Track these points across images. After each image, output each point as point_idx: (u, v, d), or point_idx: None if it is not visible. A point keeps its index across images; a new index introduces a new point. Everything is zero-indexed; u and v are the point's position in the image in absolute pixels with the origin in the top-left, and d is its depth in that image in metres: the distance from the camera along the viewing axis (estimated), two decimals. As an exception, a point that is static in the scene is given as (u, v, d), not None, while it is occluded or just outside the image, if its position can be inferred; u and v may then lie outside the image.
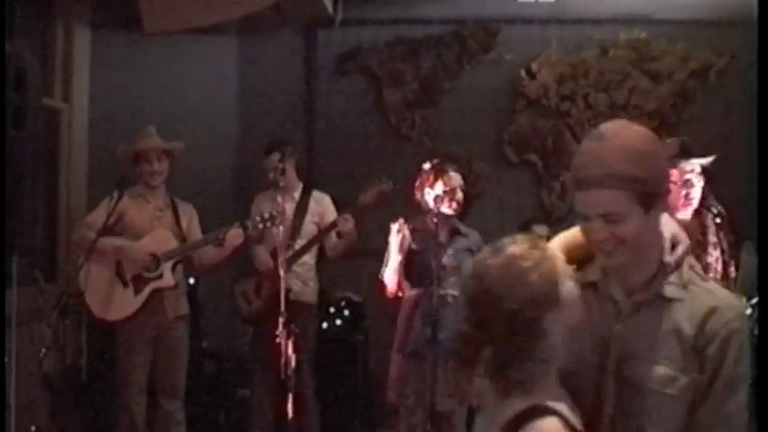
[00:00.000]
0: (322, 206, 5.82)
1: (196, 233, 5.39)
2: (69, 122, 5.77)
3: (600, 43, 6.97)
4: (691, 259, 2.09)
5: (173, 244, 5.21)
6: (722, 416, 1.95)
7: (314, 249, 5.72)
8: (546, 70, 6.97)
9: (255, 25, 6.93)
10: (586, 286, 2.06)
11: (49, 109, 5.41)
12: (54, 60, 5.72)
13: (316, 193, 5.85)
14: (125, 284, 5.13)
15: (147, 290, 5.12)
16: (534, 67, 6.99)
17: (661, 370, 1.98)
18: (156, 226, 5.26)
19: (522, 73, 7.01)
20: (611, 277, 2.09)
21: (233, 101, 7.20)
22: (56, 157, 5.69)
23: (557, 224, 6.83)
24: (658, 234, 2.06)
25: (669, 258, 2.06)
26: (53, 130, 5.61)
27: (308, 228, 5.73)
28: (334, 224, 5.53)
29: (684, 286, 2.03)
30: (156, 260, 5.14)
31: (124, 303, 5.12)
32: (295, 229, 5.70)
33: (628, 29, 6.92)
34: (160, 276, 5.14)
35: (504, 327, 1.87)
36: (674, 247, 2.08)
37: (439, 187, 4.70)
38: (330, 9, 6.86)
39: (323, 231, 5.62)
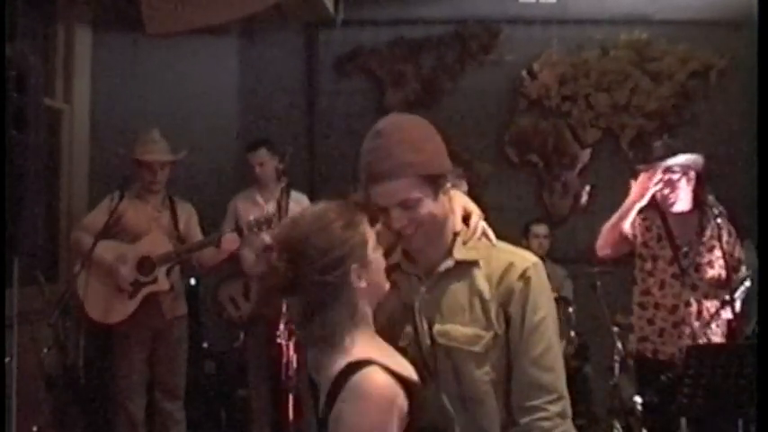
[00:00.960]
0: (301, 206, 5.82)
1: (195, 233, 5.38)
2: (70, 123, 5.77)
3: (601, 44, 6.97)
4: (484, 226, 2.28)
5: (167, 247, 5.17)
6: (533, 357, 2.13)
7: None
8: (547, 70, 6.97)
9: (256, 26, 6.94)
10: (391, 268, 2.22)
11: (51, 110, 5.42)
12: (55, 61, 5.73)
13: (294, 194, 5.84)
14: (119, 288, 5.12)
15: (141, 294, 5.09)
16: (535, 67, 6.99)
17: (466, 330, 2.15)
18: (153, 228, 5.24)
19: (524, 73, 7.01)
20: (412, 257, 2.26)
21: (234, 101, 7.21)
22: (57, 157, 5.70)
23: (558, 224, 6.86)
24: (449, 210, 2.22)
25: (460, 227, 2.24)
26: (54, 130, 5.62)
27: None
28: None
29: (475, 248, 2.22)
30: (151, 264, 5.11)
31: (120, 307, 5.11)
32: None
33: (629, 29, 6.93)
34: (155, 280, 5.11)
35: (312, 266, 2.00)
36: (465, 218, 2.28)
37: None
38: (331, 9, 6.86)
39: None
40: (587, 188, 6.89)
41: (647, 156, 4.72)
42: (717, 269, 4.29)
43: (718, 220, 4.23)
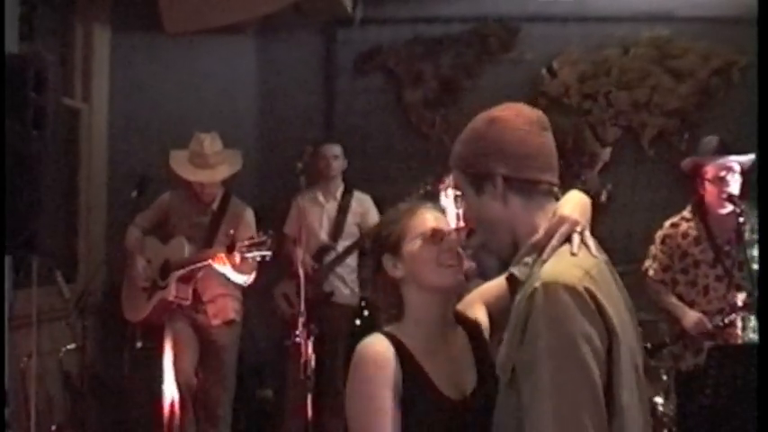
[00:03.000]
0: (364, 207, 5.83)
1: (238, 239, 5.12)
2: (89, 122, 5.80)
3: (621, 41, 6.93)
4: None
5: (183, 254, 5.04)
6: (525, 407, 1.74)
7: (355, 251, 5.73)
8: (567, 69, 6.94)
9: (275, 25, 6.95)
10: None
11: (69, 109, 5.45)
12: (74, 60, 5.75)
13: (357, 194, 5.88)
14: (143, 288, 5.12)
15: (154, 298, 5.05)
16: (555, 65, 6.96)
17: (502, 352, 1.91)
18: (188, 230, 5.15)
19: (543, 71, 6.98)
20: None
21: (252, 100, 7.22)
22: (76, 157, 5.73)
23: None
24: (506, 218, 2.00)
25: (534, 239, 1.96)
26: (73, 130, 5.65)
27: (350, 229, 5.75)
28: None
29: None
30: (168, 268, 5.03)
31: (139, 306, 5.11)
32: (337, 230, 5.72)
33: (650, 26, 6.88)
34: (166, 287, 5.01)
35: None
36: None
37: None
38: (349, 8, 6.86)
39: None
40: (608, 187, 6.85)
41: (671, 153, 4.68)
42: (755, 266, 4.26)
43: (741, 219, 4.21)
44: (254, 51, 7.28)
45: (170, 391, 5.08)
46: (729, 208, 4.34)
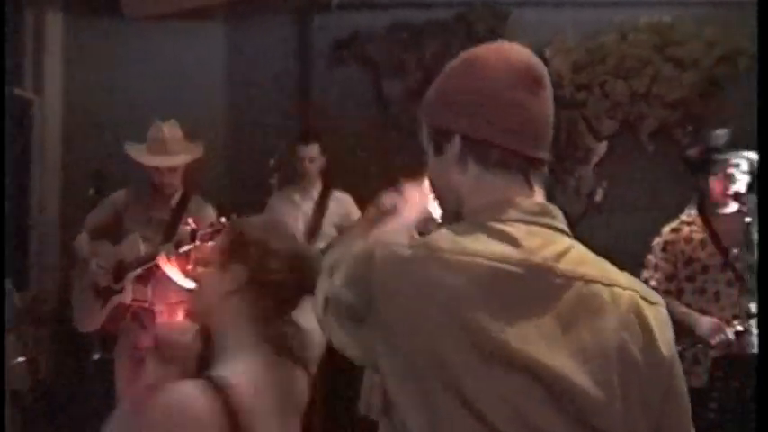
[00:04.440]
0: (344, 206, 5.82)
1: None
2: (42, 115, 5.75)
3: (619, 27, 6.91)
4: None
5: (139, 252, 4.96)
6: None
7: None
8: (560, 57, 6.92)
9: (244, 9, 6.90)
10: None
11: (20, 100, 5.40)
12: (24, 48, 5.71)
13: (336, 194, 5.87)
14: (97, 294, 5.05)
15: (110, 304, 4.95)
16: (547, 53, 6.92)
17: None
18: (149, 230, 5.10)
19: (534, 60, 6.96)
20: None
21: (220, 91, 7.16)
22: (27, 152, 5.68)
23: (573, 224, 6.80)
24: (450, 186, 1.71)
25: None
26: (24, 123, 5.60)
27: (328, 230, 5.74)
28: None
29: None
30: (123, 269, 4.96)
31: (93, 314, 5.03)
32: (313, 232, 5.70)
33: (649, 11, 6.88)
34: (122, 290, 4.92)
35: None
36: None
37: None
38: (326, -9, 6.84)
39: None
40: (603, 184, 6.84)
41: (672, 148, 4.65)
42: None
43: (747, 219, 4.20)
44: (222, 38, 7.22)
45: None
46: (734, 207, 4.33)
